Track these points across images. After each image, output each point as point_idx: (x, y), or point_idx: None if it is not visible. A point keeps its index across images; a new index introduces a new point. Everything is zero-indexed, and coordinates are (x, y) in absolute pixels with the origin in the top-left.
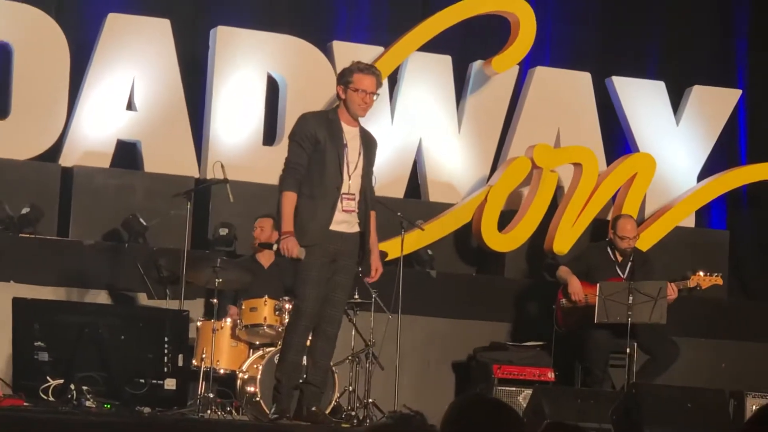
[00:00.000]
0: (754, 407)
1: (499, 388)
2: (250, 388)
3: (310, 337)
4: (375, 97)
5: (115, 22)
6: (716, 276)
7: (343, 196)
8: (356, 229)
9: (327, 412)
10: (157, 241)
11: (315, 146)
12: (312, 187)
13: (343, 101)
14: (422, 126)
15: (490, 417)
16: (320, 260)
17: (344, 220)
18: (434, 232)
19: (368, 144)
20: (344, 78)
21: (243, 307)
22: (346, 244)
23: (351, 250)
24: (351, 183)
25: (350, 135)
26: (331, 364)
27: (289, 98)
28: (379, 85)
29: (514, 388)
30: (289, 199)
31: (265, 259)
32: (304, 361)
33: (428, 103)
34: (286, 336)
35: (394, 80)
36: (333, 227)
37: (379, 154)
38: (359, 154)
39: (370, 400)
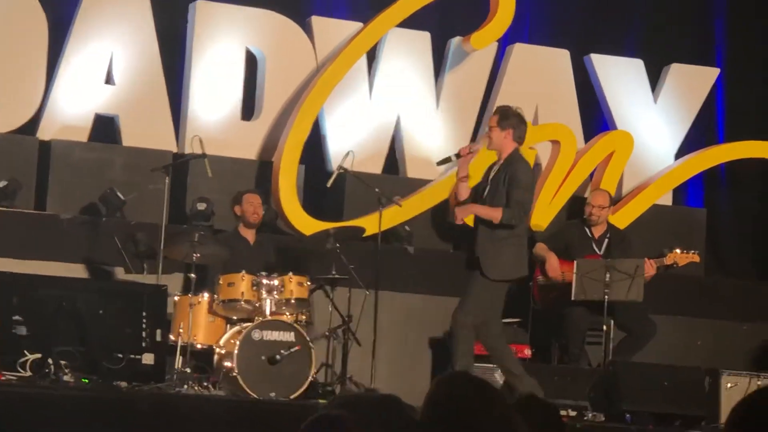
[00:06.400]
0: (728, 385)
1: (476, 364)
2: (227, 363)
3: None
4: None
5: None
6: (693, 253)
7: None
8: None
9: (304, 388)
10: (135, 216)
11: None
12: None
13: None
14: (401, 102)
15: (476, 395)
16: None
17: None
18: (412, 208)
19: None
20: None
21: (220, 282)
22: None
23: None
24: None
25: (494, 169)
26: (308, 339)
27: (267, 73)
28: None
29: (490, 365)
30: None
31: (251, 235)
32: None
33: (407, 80)
34: None
35: (372, 56)
36: None
37: (357, 131)
38: (488, 185)
39: (348, 376)
